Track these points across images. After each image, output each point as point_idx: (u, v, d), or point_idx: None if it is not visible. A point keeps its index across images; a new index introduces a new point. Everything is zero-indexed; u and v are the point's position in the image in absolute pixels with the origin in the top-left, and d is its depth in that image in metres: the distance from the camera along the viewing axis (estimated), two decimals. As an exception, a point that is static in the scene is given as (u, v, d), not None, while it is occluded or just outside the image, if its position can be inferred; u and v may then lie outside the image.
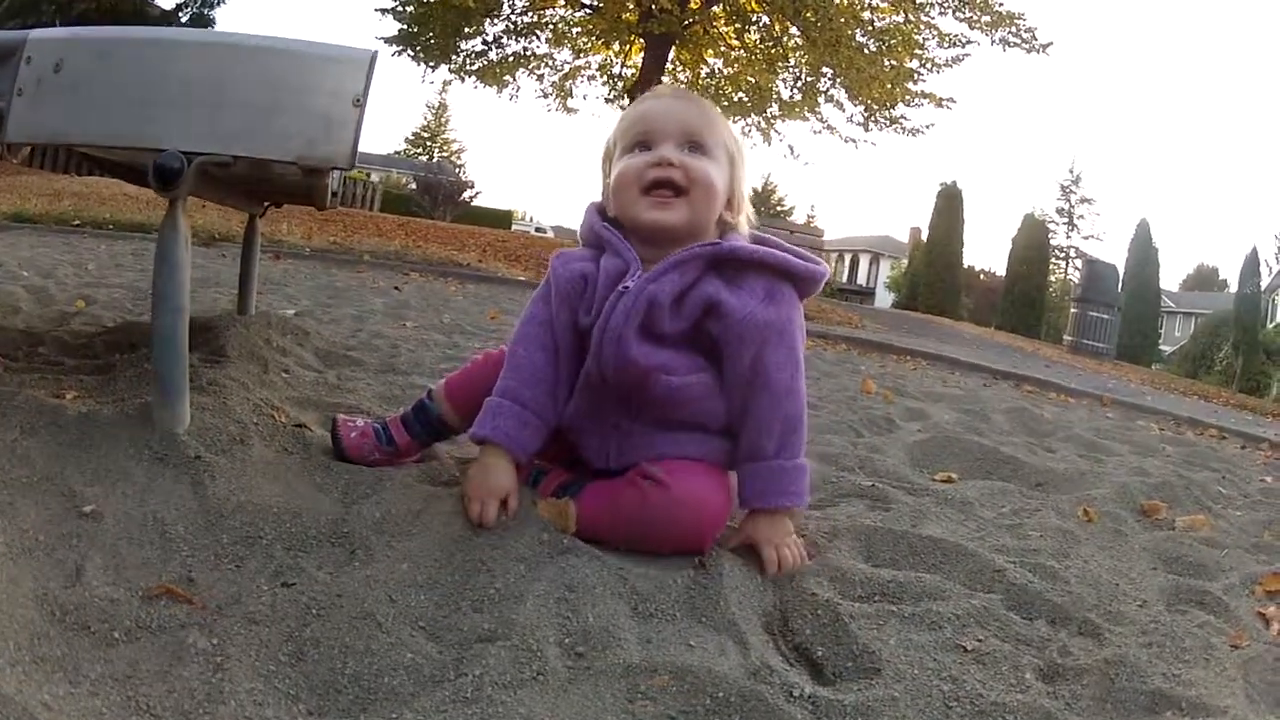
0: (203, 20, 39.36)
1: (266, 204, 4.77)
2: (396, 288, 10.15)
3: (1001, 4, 27.11)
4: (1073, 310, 24.53)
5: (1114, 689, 2.13)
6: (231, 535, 2.15)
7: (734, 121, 34.15)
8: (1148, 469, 5.09)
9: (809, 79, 31.33)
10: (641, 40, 30.93)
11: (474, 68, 33.57)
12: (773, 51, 31.49)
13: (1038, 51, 27.66)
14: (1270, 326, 44.28)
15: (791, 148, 47.50)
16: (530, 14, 32.63)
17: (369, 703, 1.62)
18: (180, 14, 38.78)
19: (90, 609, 1.72)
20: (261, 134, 2.51)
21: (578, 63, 34.78)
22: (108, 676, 1.54)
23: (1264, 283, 48.34)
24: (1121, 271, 37.19)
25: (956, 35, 28.38)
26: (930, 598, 2.43)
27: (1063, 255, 68.76)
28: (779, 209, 77.53)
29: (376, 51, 2.59)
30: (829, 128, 32.31)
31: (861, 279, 68.49)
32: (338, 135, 2.52)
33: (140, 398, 2.65)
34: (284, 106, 2.52)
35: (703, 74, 33.35)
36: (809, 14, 28.07)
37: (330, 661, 1.70)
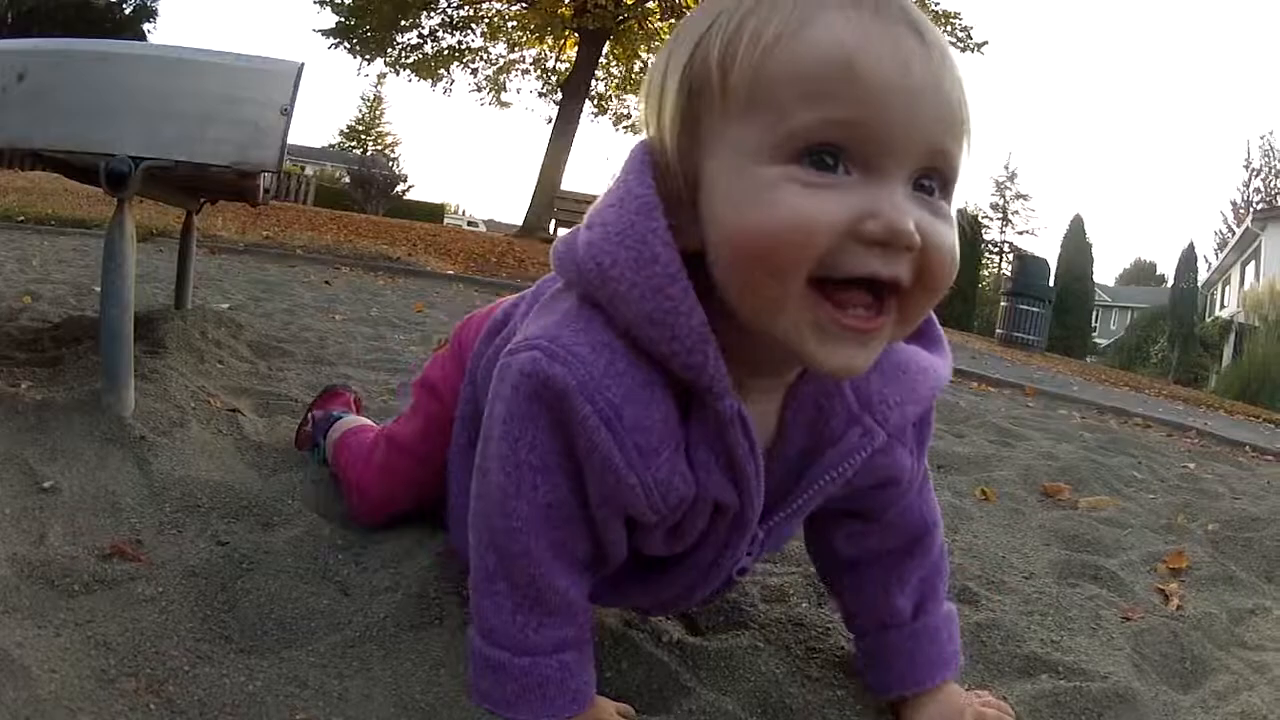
0: (146, 11, 38.98)
1: (203, 200, 4.92)
2: (327, 282, 10.21)
3: (938, 3, 27.26)
4: (1003, 303, 24.62)
5: (985, 651, 2.17)
6: (173, 505, 2.34)
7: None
8: (1058, 454, 5.08)
9: (743, 75, 31.47)
10: (576, 35, 30.92)
11: (409, 61, 33.40)
12: (707, 48, 31.61)
13: (973, 50, 27.85)
14: (1208, 320, 44.52)
15: (724, 143, 47.29)
16: (466, 7, 32.47)
17: (291, 641, 1.81)
18: (124, 4, 38.42)
19: (53, 566, 1.90)
20: (199, 141, 2.68)
21: (512, 56, 34.64)
22: (70, 621, 1.72)
23: (1201, 278, 48.60)
24: (1055, 265, 37.35)
25: (893, 33, 28.64)
26: (807, 563, 2.24)
27: (996, 250, 68.74)
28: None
29: (303, 63, 2.78)
30: (763, 123, 32.48)
31: (795, 273, 68.41)
32: (266, 142, 2.72)
33: (89, 386, 2.81)
34: (218, 116, 2.70)
35: (636, 69, 33.37)
36: (744, 10, 28.21)
37: (258, 608, 1.89)
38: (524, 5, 31.60)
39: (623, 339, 1.40)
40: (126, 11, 38.17)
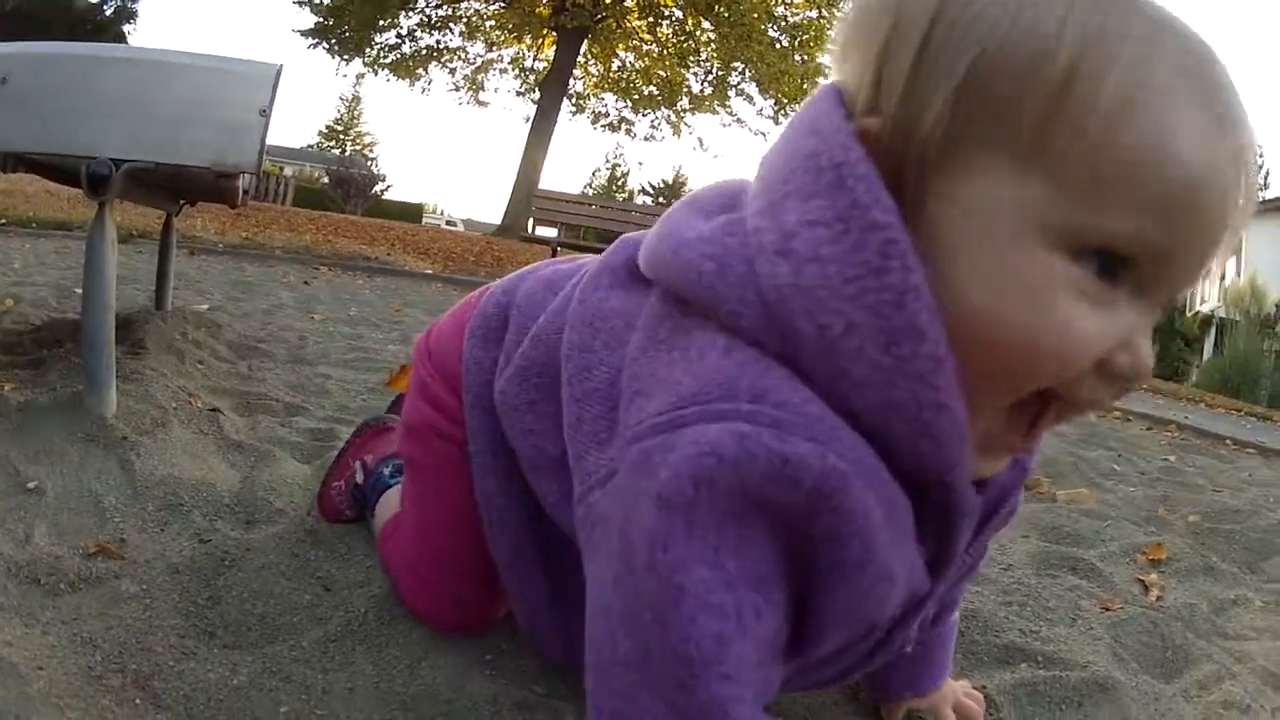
0: (126, 12, 38.96)
1: (183, 202, 4.92)
2: (306, 282, 10.17)
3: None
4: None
5: (964, 641, 2.15)
6: (156, 503, 2.35)
7: (643, 115, 34.53)
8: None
9: (720, 73, 31.45)
10: (554, 34, 30.97)
11: (387, 60, 33.48)
12: (684, 45, 31.58)
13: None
14: (1188, 315, 44.58)
15: (701, 140, 47.64)
16: (444, 7, 32.51)
17: (274, 636, 1.82)
18: (105, 6, 38.41)
19: (39, 565, 1.90)
20: (178, 143, 2.67)
21: (490, 56, 34.73)
22: (56, 620, 1.73)
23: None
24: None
25: (871, 31, 28.63)
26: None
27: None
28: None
29: (281, 65, 2.79)
30: (739, 121, 32.48)
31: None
32: (245, 144, 2.72)
33: (72, 387, 2.82)
34: (197, 118, 2.70)
35: (614, 68, 33.42)
36: (721, 8, 28.19)
37: (241, 604, 1.90)
38: (502, 5, 31.60)
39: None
40: (107, 13, 38.14)
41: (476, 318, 1.68)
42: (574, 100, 34.61)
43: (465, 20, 33.11)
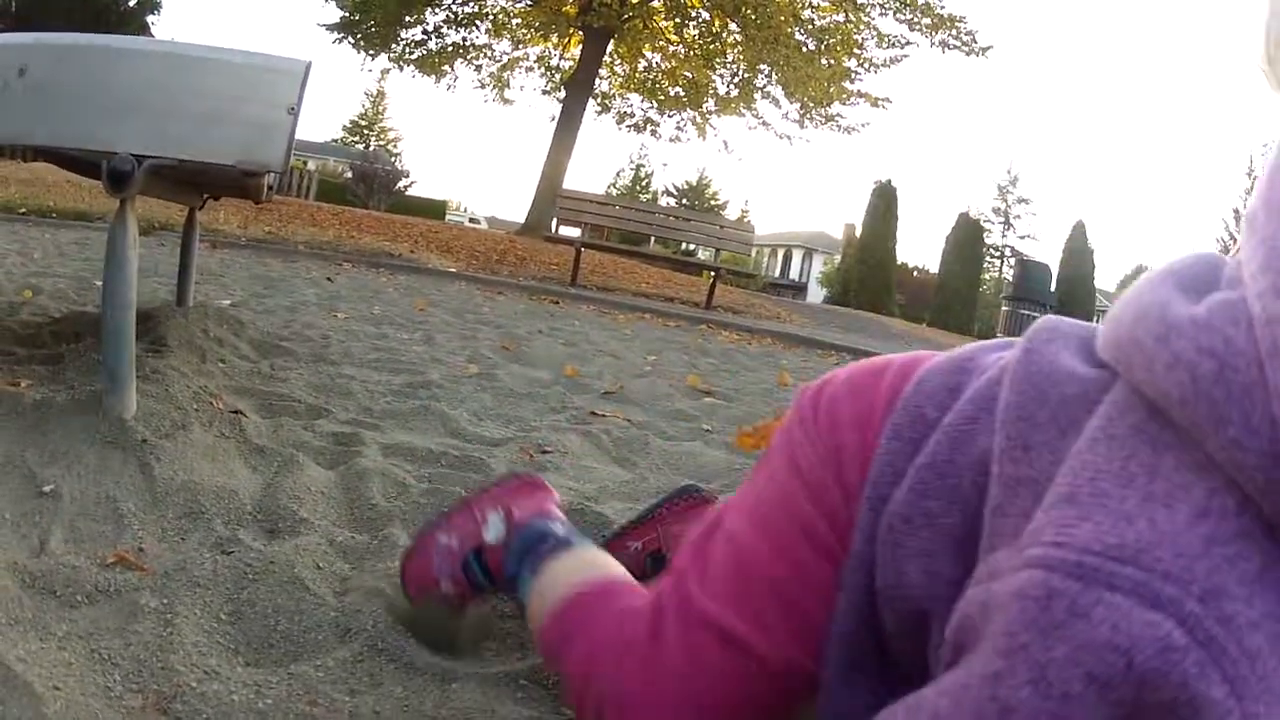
0: (150, 3, 39.05)
1: (206, 196, 4.89)
2: (329, 278, 10.13)
3: (943, 6, 27.27)
4: (1004, 308, 24.70)
5: None
6: (176, 511, 2.31)
7: (668, 116, 34.54)
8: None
9: (746, 75, 31.39)
10: (580, 33, 30.97)
11: (413, 57, 33.46)
12: (711, 47, 31.55)
13: (978, 54, 27.83)
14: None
15: (726, 143, 47.29)
16: (471, 4, 32.53)
17: (299, 654, 1.78)
18: (128, -2, 38.54)
19: (56, 576, 1.86)
20: (204, 139, 2.63)
21: (516, 54, 34.68)
22: (73, 634, 1.69)
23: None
24: (1057, 270, 37.53)
25: (896, 36, 28.54)
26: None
27: (998, 254, 68.68)
28: (713, 203, 77.43)
29: (310, 62, 2.74)
30: (764, 124, 32.40)
31: (794, 274, 68.14)
32: (272, 141, 2.67)
33: (90, 386, 2.77)
34: (224, 114, 2.65)
35: (640, 68, 33.41)
36: (748, 11, 28.16)
37: (264, 619, 1.86)
38: (528, 3, 31.61)
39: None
40: (130, 3, 38.24)
41: (905, 412, 1.19)
42: (599, 100, 34.62)
43: (491, 18, 33.16)
